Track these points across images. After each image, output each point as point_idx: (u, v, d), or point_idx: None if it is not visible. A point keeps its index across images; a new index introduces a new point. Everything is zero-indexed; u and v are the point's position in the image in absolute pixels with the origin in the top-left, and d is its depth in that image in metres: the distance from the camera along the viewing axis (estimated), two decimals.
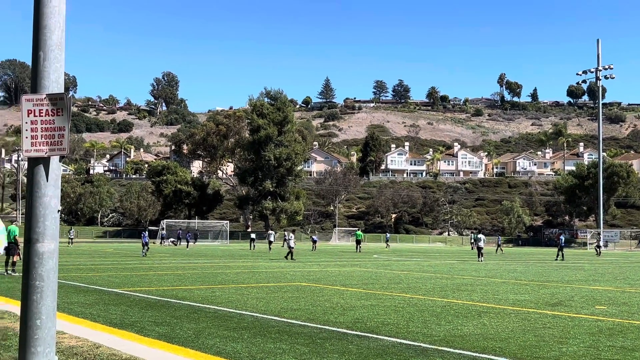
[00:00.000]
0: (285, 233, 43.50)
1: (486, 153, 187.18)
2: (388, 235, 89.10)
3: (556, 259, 47.09)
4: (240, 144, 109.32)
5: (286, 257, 40.46)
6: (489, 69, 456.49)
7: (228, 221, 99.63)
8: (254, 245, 65.13)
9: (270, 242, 60.51)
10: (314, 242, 65.43)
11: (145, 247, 44.54)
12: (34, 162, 6.60)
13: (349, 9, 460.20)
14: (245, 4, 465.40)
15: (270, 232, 66.24)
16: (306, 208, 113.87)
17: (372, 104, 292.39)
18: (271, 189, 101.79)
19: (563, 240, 51.24)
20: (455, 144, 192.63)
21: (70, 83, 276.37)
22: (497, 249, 65.05)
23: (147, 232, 48.02)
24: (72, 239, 71.52)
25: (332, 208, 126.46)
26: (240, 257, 42.74)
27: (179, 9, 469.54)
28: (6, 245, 22.10)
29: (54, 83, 6.69)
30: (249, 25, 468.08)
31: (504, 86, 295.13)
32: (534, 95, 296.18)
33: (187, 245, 67.70)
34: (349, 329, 11.16)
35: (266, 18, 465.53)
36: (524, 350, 9.42)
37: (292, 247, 41.75)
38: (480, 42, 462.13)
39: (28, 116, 6.64)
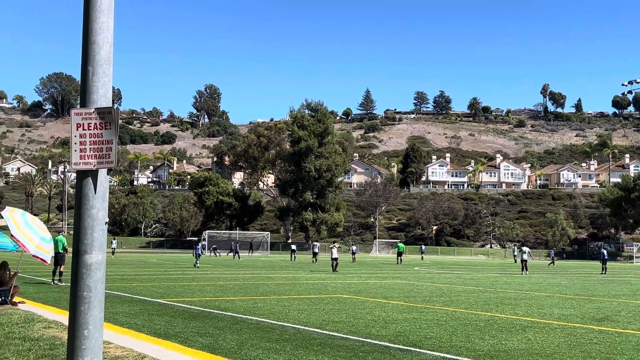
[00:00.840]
0: (333, 245, 42.45)
1: (529, 164, 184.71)
2: (423, 247, 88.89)
3: (602, 273, 46.19)
4: (280, 155, 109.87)
5: (332, 269, 39.51)
6: (531, 80, 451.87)
7: (269, 232, 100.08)
8: (295, 257, 65.22)
9: (315, 254, 59.99)
10: (353, 253, 65.34)
11: (198, 258, 44.95)
12: (82, 174, 6.73)
13: (390, 20, 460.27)
14: (286, 18, 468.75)
15: (315, 243, 65.91)
16: (346, 219, 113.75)
17: (412, 115, 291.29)
18: (311, 200, 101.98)
19: (605, 254, 50.24)
20: (498, 155, 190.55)
21: (115, 96, 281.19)
22: (550, 263, 64.85)
23: (200, 244, 48.84)
24: (114, 249, 70.76)
25: (372, 219, 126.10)
26: (281, 268, 42.85)
27: (222, 23, 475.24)
28: (53, 255, 22.53)
29: (102, 97, 6.82)
30: (290, 37, 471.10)
31: (547, 97, 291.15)
32: (578, 106, 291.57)
33: (237, 256, 67.41)
34: (391, 343, 11.10)
35: (307, 31, 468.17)
36: None
37: (336, 259, 40.51)
38: (523, 52, 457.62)
39: (77, 130, 6.77)
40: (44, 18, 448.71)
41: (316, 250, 60.76)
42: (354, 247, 69.13)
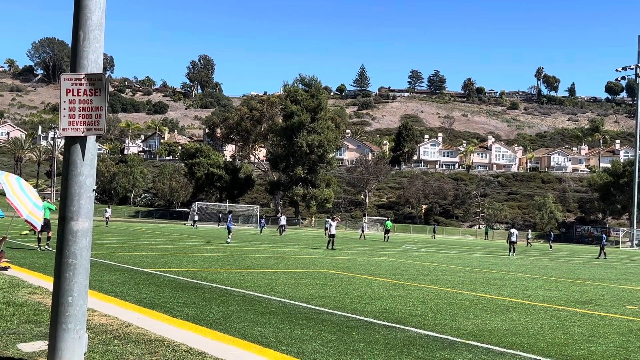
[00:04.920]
0: (326, 220, 40.21)
1: (521, 147, 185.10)
2: (436, 225, 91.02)
3: (599, 257, 46.35)
4: (273, 129, 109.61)
5: (327, 246, 37.51)
6: (526, 63, 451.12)
7: (259, 206, 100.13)
8: (283, 230, 65.19)
9: (281, 227, 61.14)
10: (363, 230, 67.34)
11: (230, 233, 40.09)
12: (70, 141, 6.67)
13: None
14: None
15: (281, 216, 66.27)
16: (336, 196, 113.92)
17: (406, 94, 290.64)
18: (302, 176, 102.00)
19: (605, 239, 50.35)
20: (490, 136, 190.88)
21: (108, 63, 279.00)
22: (527, 244, 65.46)
23: (231, 216, 42.11)
24: (108, 218, 63.87)
25: (362, 197, 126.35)
26: (270, 243, 42.93)
27: None
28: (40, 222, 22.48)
29: (93, 63, 6.73)
30: (286, 11, 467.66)
31: (541, 80, 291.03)
32: (571, 90, 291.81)
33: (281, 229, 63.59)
34: (376, 319, 11.14)
35: (303, 4, 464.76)
36: (553, 348, 9.32)
37: (333, 235, 38.48)
38: (519, 35, 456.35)
39: (67, 95, 6.69)
40: None
41: (282, 222, 61.46)
42: (365, 225, 70.00)
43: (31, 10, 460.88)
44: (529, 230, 72.58)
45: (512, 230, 44.22)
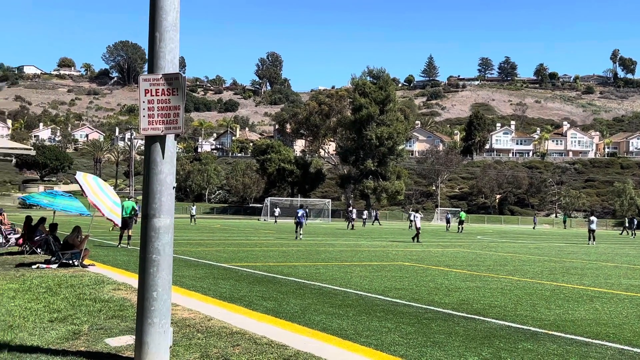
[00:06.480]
0: (411, 213, 38.05)
1: (597, 132, 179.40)
2: (449, 215, 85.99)
3: None
4: (342, 123, 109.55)
5: (413, 239, 36.56)
6: (600, 46, 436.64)
7: (330, 200, 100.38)
8: (353, 225, 64.96)
9: (351, 220, 60.56)
10: (448, 221, 66.10)
11: (300, 228, 36.70)
12: (150, 140, 6.83)
13: None
14: None
15: (351, 209, 65.79)
16: (407, 188, 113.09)
17: (476, 82, 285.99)
18: (372, 168, 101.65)
19: None
20: (565, 122, 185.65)
21: (180, 64, 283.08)
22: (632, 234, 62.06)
23: (302, 210, 38.27)
24: (194, 215, 63.91)
25: (433, 188, 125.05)
26: (343, 236, 43.01)
27: None
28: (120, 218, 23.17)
29: (169, 63, 6.88)
30: (351, 4, 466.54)
31: (617, 63, 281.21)
32: None
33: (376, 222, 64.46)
34: (454, 310, 11.03)
35: None
36: (639, 337, 9.04)
37: (419, 228, 36.92)
38: (591, 17, 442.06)
39: (145, 95, 6.86)
40: None
41: (353, 216, 60.92)
42: (449, 215, 68.57)
43: (105, 14, 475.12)
44: (634, 219, 66.92)
45: (592, 217, 42.95)
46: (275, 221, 74.03)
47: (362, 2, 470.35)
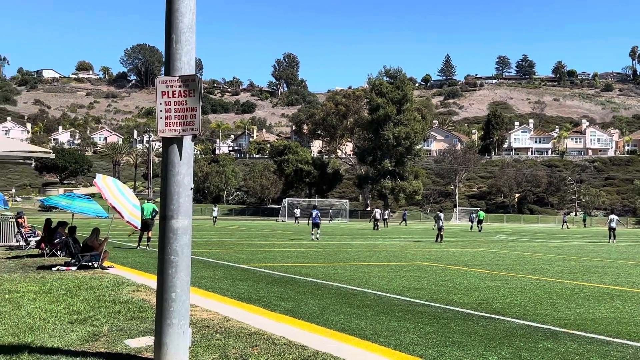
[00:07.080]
0: (437, 214, 38.04)
1: (617, 130, 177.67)
2: (565, 215, 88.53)
3: None
4: (359, 123, 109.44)
5: (436, 240, 36.15)
6: (619, 43, 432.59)
7: (347, 200, 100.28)
8: (378, 226, 64.56)
9: (376, 220, 59.62)
10: (472, 221, 65.83)
11: (316, 229, 35.36)
12: (168, 141, 6.86)
13: None
14: None
15: (376, 210, 65.22)
16: (425, 187, 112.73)
17: (494, 81, 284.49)
18: (390, 168, 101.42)
19: None
20: (584, 120, 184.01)
21: (197, 66, 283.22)
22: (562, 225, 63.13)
23: (316, 211, 36.57)
24: (215, 217, 64.15)
25: (452, 187, 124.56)
26: (361, 236, 42.96)
27: None
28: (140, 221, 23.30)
29: (186, 65, 6.91)
30: (368, 5, 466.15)
31: (636, 59, 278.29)
32: None
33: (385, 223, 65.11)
34: (473, 310, 10.97)
35: None
36: None
37: (442, 229, 36.68)
38: (609, 14, 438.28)
39: (162, 97, 6.89)
40: None
41: (377, 216, 60.13)
42: (473, 215, 67.79)
43: (122, 17, 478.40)
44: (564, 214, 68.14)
45: (612, 216, 42.56)
46: (297, 222, 73.81)
47: (378, 2, 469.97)
